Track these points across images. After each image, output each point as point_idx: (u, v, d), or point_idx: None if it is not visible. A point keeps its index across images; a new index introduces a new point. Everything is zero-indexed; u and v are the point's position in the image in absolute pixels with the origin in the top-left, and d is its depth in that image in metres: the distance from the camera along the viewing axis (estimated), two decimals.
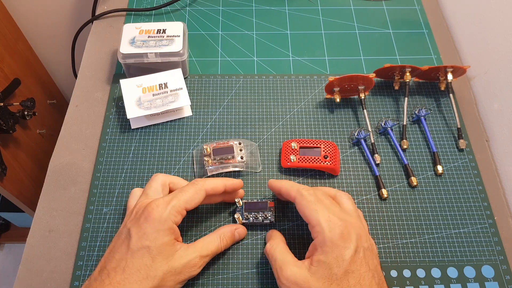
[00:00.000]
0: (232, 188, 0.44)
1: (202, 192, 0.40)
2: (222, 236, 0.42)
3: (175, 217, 0.38)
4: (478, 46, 0.59)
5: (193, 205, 0.40)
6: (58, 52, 1.05)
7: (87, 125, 0.54)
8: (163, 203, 0.38)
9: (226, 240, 0.42)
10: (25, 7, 0.93)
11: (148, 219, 0.37)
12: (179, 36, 0.54)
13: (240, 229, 0.44)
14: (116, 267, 0.35)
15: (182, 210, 0.39)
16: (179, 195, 0.39)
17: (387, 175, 0.50)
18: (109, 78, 0.58)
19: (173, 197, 0.39)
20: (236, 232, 0.44)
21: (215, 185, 0.42)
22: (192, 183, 0.41)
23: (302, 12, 0.67)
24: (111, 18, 0.65)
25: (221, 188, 0.42)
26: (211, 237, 0.41)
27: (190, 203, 0.39)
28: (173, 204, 0.38)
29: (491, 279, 0.44)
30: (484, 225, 0.47)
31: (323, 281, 0.35)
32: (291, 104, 0.56)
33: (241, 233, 0.44)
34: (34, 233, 0.46)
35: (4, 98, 0.84)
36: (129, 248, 0.36)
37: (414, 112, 0.55)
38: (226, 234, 0.42)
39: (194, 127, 0.54)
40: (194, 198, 0.40)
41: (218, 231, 0.43)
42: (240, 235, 0.44)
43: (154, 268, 0.36)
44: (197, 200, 0.40)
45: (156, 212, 0.37)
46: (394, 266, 0.44)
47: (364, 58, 0.62)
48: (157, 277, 0.35)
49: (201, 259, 0.39)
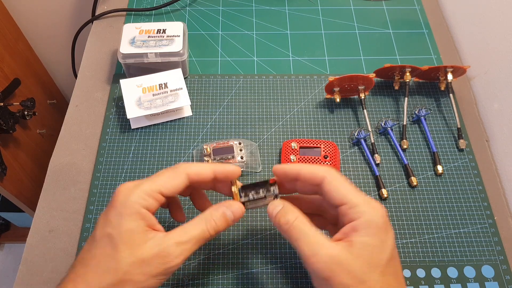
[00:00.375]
0: (223, 175, 0.36)
1: (182, 176, 0.34)
2: (209, 217, 0.34)
3: (145, 201, 0.32)
4: (478, 46, 0.59)
5: (172, 189, 0.33)
6: (58, 52, 1.05)
7: (87, 125, 0.54)
8: (132, 186, 0.33)
9: (214, 222, 0.34)
10: (25, 7, 0.93)
11: (113, 203, 0.32)
12: (179, 36, 0.54)
13: (233, 205, 0.35)
14: (81, 259, 0.32)
15: (155, 193, 0.33)
16: (154, 177, 0.34)
17: (387, 175, 0.50)
18: (109, 78, 0.58)
19: (146, 180, 0.34)
20: (229, 210, 0.35)
21: (201, 169, 0.35)
22: (174, 166, 0.35)
23: (302, 12, 0.67)
24: (111, 18, 0.65)
25: (208, 173, 0.35)
26: (194, 220, 0.34)
27: (166, 186, 0.33)
28: (143, 187, 0.32)
29: (491, 279, 0.44)
30: (484, 225, 0.47)
31: (367, 266, 0.30)
32: (291, 104, 0.56)
33: (236, 212, 0.35)
34: (34, 233, 0.46)
35: (4, 98, 0.84)
36: (94, 238, 0.32)
37: (414, 112, 0.55)
38: (214, 214, 0.34)
39: (194, 127, 0.54)
40: (172, 181, 0.33)
41: (205, 212, 0.35)
42: (234, 214, 0.35)
43: (116, 260, 0.30)
44: (175, 185, 0.33)
45: (122, 195, 0.32)
46: None
47: (364, 58, 0.62)
48: (119, 269, 0.30)
49: (177, 246, 0.31)
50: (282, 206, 0.35)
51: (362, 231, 0.31)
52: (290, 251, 0.45)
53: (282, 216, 0.34)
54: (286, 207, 0.34)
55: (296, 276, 0.43)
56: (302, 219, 0.33)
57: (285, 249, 0.45)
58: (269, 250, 0.45)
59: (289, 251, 0.45)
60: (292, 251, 0.45)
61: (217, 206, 0.35)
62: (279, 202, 0.35)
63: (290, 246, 0.45)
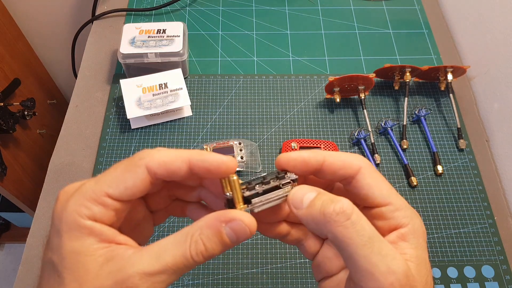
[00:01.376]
0: (204, 169, 0.23)
1: (141, 169, 0.22)
2: (196, 234, 0.22)
3: (88, 209, 0.21)
4: (478, 46, 0.59)
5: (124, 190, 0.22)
6: (58, 52, 1.05)
7: (87, 125, 0.54)
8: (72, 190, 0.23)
9: (202, 244, 0.22)
10: (25, 7, 0.93)
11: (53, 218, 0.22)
12: (179, 36, 0.54)
13: (235, 222, 0.22)
14: None
15: (99, 197, 0.22)
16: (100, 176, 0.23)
17: (387, 175, 0.50)
18: (109, 78, 0.58)
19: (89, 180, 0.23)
20: (228, 227, 0.22)
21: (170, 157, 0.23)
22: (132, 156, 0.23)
23: (302, 12, 0.67)
24: (111, 18, 0.65)
25: (179, 164, 0.23)
26: (175, 236, 0.22)
27: (116, 186, 0.22)
28: (82, 190, 0.22)
29: (491, 279, 0.44)
30: (484, 225, 0.47)
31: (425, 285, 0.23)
32: (291, 104, 0.56)
33: (236, 229, 0.22)
34: (34, 233, 0.46)
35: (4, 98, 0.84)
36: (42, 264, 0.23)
37: (414, 112, 0.55)
38: (203, 232, 0.22)
39: (194, 127, 0.54)
40: (125, 178, 0.22)
41: (192, 225, 0.22)
42: (236, 232, 0.22)
43: None
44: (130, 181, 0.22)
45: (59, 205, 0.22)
46: None
47: (364, 58, 0.62)
48: None
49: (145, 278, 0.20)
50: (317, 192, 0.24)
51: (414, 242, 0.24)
52: (290, 251, 0.45)
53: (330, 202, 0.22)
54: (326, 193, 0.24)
55: (296, 276, 0.43)
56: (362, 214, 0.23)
57: (285, 249, 0.45)
58: (269, 250, 0.45)
59: (289, 251, 0.45)
60: (292, 251, 0.45)
61: (211, 216, 0.22)
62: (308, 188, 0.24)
63: (289, 246, 0.45)
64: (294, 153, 0.25)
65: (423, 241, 0.24)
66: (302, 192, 0.24)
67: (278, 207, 0.25)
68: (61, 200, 0.22)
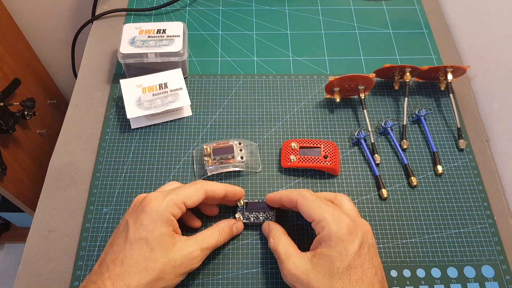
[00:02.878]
0: (233, 194, 0.44)
1: (202, 191, 0.40)
2: (221, 230, 0.42)
3: (173, 209, 0.38)
4: (478, 46, 0.59)
5: (193, 201, 0.39)
6: (58, 52, 1.05)
7: (87, 125, 0.54)
8: (161, 195, 0.38)
9: (225, 234, 0.42)
10: (25, 7, 0.93)
11: (145, 209, 0.37)
12: (179, 36, 0.54)
13: (238, 223, 0.45)
14: (115, 260, 0.35)
15: (180, 204, 0.38)
16: (178, 189, 0.39)
17: (387, 175, 0.50)
18: (109, 78, 0.58)
19: (172, 191, 0.39)
20: (234, 226, 0.44)
21: (216, 187, 0.42)
22: (194, 182, 0.41)
23: (302, 12, 0.67)
24: (111, 18, 0.65)
25: (222, 192, 0.42)
26: (210, 230, 0.41)
27: (189, 198, 0.39)
28: (171, 197, 0.38)
29: (491, 279, 0.44)
30: (484, 225, 0.47)
31: (324, 274, 0.35)
32: (291, 104, 0.56)
33: (238, 228, 0.45)
34: (34, 233, 0.46)
35: (4, 98, 0.84)
36: (127, 240, 0.36)
37: (414, 112, 0.55)
38: (225, 229, 0.42)
39: (194, 127, 0.54)
40: (194, 195, 0.40)
41: (217, 225, 0.43)
42: (237, 229, 0.44)
43: (153, 260, 0.35)
44: (196, 198, 0.40)
45: (154, 203, 0.37)
46: (394, 266, 0.44)
47: (364, 58, 0.62)
48: (156, 269, 0.35)
49: (202, 251, 0.38)
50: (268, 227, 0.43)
51: (323, 243, 0.36)
52: None
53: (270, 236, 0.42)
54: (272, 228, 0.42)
55: None
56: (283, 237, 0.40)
57: None
58: (269, 250, 0.45)
59: None
60: None
61: (227, 221, 0.44)
62: (266, 224, 0.44)
63: None
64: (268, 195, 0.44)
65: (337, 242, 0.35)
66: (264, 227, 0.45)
67: None
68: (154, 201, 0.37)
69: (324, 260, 0.35)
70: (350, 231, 0.36)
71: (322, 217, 0.37)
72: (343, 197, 0.41)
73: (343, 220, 0.37)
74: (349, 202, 0.41)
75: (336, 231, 0.36)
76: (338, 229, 0.36)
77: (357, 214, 0.40)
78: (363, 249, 0.36)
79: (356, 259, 0.35)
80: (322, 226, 0.37)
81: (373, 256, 0.36)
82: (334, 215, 0.37)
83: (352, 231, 0.36)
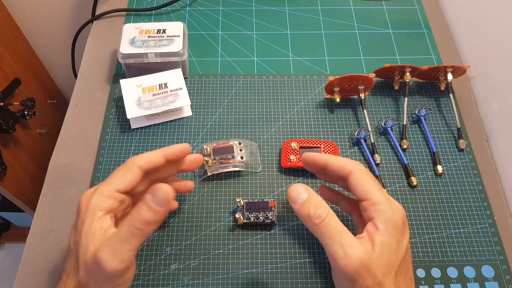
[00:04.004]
0: (174, 155, 0.38)
1: (134, 168, 0.35)
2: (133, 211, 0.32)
3: (105, 203, 0.33)
4: (478, 46, 0.59)
5: (126, 184, 0.34)
6: (58, 52, 1.05)
7: (87, 125, 0.54)
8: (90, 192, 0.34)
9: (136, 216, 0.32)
10: (25, 7, 0.93)
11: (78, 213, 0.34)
12: (179, 36, 0.54)
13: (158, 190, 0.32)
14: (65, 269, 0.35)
15: (112, 193, 0.34)
16: (108, 178, 0.35)
17: (387, 175, 0.50)
18: (109, 78, 0.58)
19: (102, 183, 0.35)
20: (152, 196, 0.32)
21: (150, 157, 0.36)
22: (125, 162, 0.36)
23: (302, 12, 0.67)
24: (111, 18, 0.65)
25: (160, 159, 0.37)
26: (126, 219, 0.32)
27: (121, 183, 0.34)
28: (100, 190, 0.34)
29: (491, 279, 0.44)
30: (484, 225, 0.47)
31: (386, 268, 0.32)
32: (291, 104, 0.56)
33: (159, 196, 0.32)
34: (34, 233, 0.46)
35: (4, 98, 0.84)
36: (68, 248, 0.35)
37: (414, 112, 0.55)
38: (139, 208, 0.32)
39: (194, 127, 0.54)
40: (125, 177, 0.35)
41: None
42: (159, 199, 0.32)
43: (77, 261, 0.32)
44: (129, 178, 0.35)
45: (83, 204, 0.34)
46: None
47: (364, 58, 0.62)
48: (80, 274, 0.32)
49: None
50: (308, 194, 0.34)
51: (382, 229, 0.32)
52: (290, 251, 0.45)
53: (313, 208, 0.33)
54: (314, 198, 0.34)
55: (296, 276, 0.43)
56: (334, 216, 0.33)
57: (285, 249, 0.45)
58: (269, 250, 0.45)
59: (289, 251, 0.45)
60: (292, 251, 0.45)
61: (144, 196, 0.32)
62: (303, 188, 0.35)
63: (289, 246, 0.45)
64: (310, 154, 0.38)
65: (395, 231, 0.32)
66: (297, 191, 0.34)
67: None
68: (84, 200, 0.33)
69: (386, 250, 0.32)
70: (404, 221, 0.34)
71: (381, 199, 0.33)
72: None
73: (399, 208, 0.34)
74: None
75: (395, 218, 0.33)
76: (396, 216, 0.33)
77: None
78: (409, 243, 0.35)
79: (407, 252, 0.34)
80: (381, 210, 0.33)
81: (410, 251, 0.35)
82: (391, 202, 0.34)
83: (405, 222, 0.34)
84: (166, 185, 0.32)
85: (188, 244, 0.45)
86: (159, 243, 0.45)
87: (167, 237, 0.45)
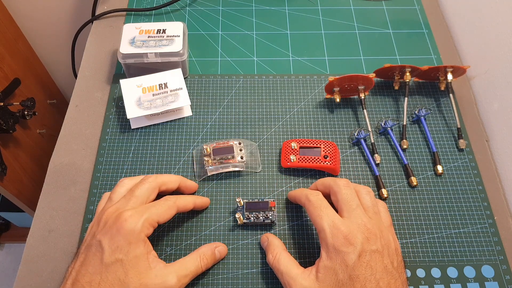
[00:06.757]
0: (200, 206, 0.46)
1: (174, 208, 0.41)
2: (202, 255, 0.41)
3: (148, 230, 0.37)
4: (478, 46, 0.59)
5: (165, 219, 0.40)
6: (58, 52, 1.05)
7: (87, 125, 0.54)
8: (136, 214, 0.37)
9: (206, 259, 0.41)
10: (25, 7, 0.93)
11: (120, 230, 0.36)
12: (179, 36, 0.54)
13: (221, 247, 0.44)
14: (90, 281, 0.34)
15: (154, 223, 0.38)
16: (152, 208, 0.39)
17: (387, 175, 0.50)
18: (109, 78, 0.58)
19: (146, 210, 0.38)
20: (217, 250, 0.43)
21: (186, 203, 0.43)
22: (165, 199, 0.41)
23: (302, 12, 0.67)
24: (111, 18, 0.65)
25: (191, 206, 0.44)
26: (190, 256, 0.41)
27: (162, 217, 0.39)
28: (146, 217, 0.37)
29: (491, 279, 0.44)
30: (484, 225, 0.47)
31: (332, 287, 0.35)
32: (291, 104, 0.56)
33: (221, 252, 0.43)
34: (34, 233, 0.46)
35: (4, 98, 0.84)
36: (102, 262, 0.35)
37: (414, 112, 0.55)
38: (206, 253, 0.41)
39: (194, 127, 0.54)
40: (166, 213, 0.40)
41: (198, 250, 0.42)
42: (220, 253, 0.43)
43: (126, 284, 0.35)
44: (168, 216, 0.40)
45: (129, 224, 0.36)
46: None
47: (364, 58, 0.62)
48: None
49: (179, 280, 0.37)
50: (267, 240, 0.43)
51: (324, 255, 0.36)
52: (289, 251, 0.45)
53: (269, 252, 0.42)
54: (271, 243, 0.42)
55: None
56: (283, 254, 0.40)
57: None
58: None
59: (289, 251, 0.45)
60: (292, 251, 0.45)
61: (208, 245, 0.43)
62: (265, 237, 0.44)
63: (289, 246, 0.45)
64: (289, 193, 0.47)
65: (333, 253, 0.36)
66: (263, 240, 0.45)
67: None
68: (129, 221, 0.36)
69: (328, 274, 0.35)
70: (347, 241, 0.35)
71: (321, 227, 0.37)
72: (363, 190, 0.41)
73: (340, 230, 0.36)
74: (368, 195, 0.40)
75: (333, 242, 0.36)
76: (334, 240, 0.36)
77: (374, 211, 0.39)
78: (364, 257, 0.35)
79: (356, 269, 0.34)
80: (322, 238, 0.37)
81: (377, 262, 0.35)
82: (333, 226, 0.37)
83: (350, 242, 0.35)
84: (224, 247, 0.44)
85: (188, 244, 0.45)
86: (159, 243, 0.45)
87: (167, 237, 0.45)
